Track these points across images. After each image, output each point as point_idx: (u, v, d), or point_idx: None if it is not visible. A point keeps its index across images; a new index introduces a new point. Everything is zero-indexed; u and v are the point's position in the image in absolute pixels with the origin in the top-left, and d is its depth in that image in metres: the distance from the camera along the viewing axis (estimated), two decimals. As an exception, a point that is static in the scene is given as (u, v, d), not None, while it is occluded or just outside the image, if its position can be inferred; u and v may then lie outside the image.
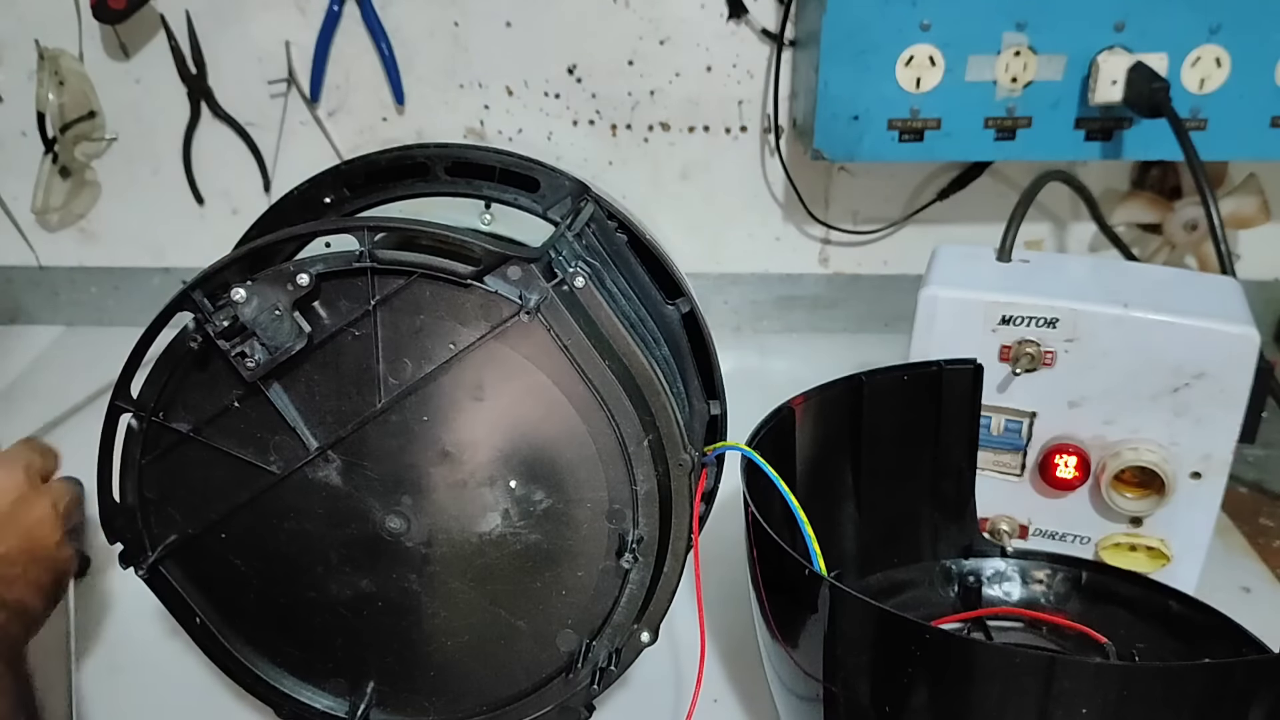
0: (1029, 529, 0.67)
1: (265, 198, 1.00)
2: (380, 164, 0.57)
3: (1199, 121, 0.85)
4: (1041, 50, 0.83)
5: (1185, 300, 0.62)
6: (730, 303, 1.05)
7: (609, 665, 0.52)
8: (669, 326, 0.57)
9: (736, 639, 0.63)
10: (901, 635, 0.44)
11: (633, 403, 0.48)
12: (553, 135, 0.99)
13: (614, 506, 0.50)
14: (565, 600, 0.52)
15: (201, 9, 0.94)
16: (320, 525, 0.51)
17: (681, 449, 0.49)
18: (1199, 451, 0.62)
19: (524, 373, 0.48)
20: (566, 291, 0.47)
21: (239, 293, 0.46)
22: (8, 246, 1.03)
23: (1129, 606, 0.60)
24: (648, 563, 0.51)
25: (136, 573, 0.53)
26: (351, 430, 0.49)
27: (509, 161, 0.57)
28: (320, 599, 0.53)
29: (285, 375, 0.49)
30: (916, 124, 0.86)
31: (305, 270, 0.46)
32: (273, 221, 0.58)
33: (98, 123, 0.97)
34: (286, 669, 0.55)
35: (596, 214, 0.55)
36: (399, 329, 0.48)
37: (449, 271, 0.47)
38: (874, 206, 1.01)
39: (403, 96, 0.97)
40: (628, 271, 0.56)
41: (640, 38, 0.95)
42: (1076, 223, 1.01)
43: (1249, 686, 0.40)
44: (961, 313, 0.63)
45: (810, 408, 0.58)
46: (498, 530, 0.51)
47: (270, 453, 0.50)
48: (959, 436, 0.63)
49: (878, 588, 0.63)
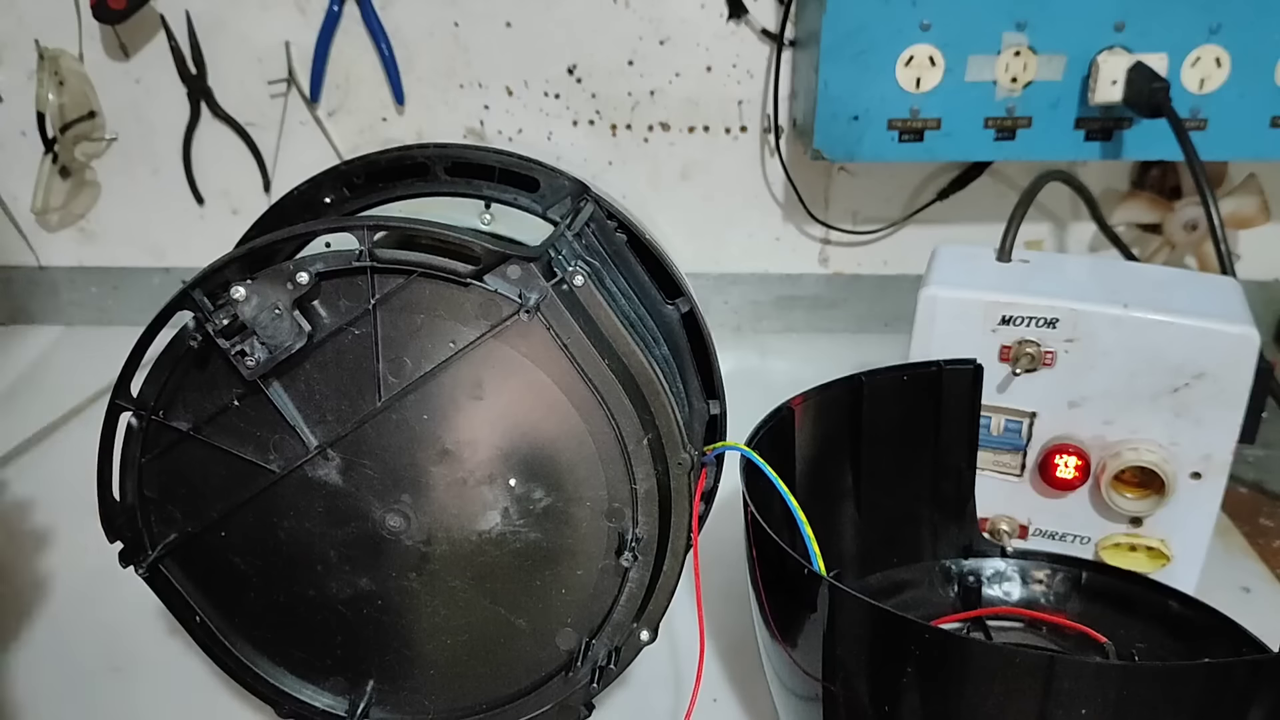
0: (1029, 529, 0.67)
1: (265, 198, 1.00)
2: (380, 164, 0.57)
3: (1199, 121, 0.85)
4: (1041, 50, 0.83)
5: (1185, 300, 0.62)
6: (730, 303, 1.05)
7: (608, 664, 0.52)
8: (668, 326, 0.57)
9: (736, 638, 0.63)
10: (901, 635, 0.44)
11: (632, 402, 0.48)
12: (553, 135, 0.99)
13: (613, 505, 0.50)
14: (565, 599, 0.52)
15: (201, 9, 0.94)
16: (320, 524, 0.51)
17: (681, 448, 0.49)
18: (1199, 451, 0.62)
19: (523, 371, 0.48)
20: (566, 291, 0.47)
21: (239, 291, 0.46)
22: (8, 246, 1.03)
23: (1129, 606, 0.60)
24: (647, 562, 0.51)
25: (136, 571, 0.53)
26: (351, 429, 0.49)
27: (509, 161, 0.57)
28: (320, 597, 0.53)
29: (285, 374, 0.49)
30: (916, 124, 0.86)
31: (305, 269, 0.46)
32: (273, 221, 0.58)
33: (98, 123, 0.98)
34: (286, 667, 0.55)
35: (596, 214, 0.55)
36: (399, 328, 0.48)
37: (449, 270, 0.47)
38: (874, 206, 1.01)
39: (403, 96, 0.97)
40: (627, 271, 0.56)
41: (640, 38, 0.95)
42: (1076, 223, 1.01)
43: (1248, 686, 0.40)
44: (961, 313, 0.63)
45: (810, 408, 0.58)
46: (497, 529, 0.51)
47: (270, 451, 0.50)
48: (959, 436, 0.63)
49: (877, 588, 0.63)
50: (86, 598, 0.68)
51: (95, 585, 0.68)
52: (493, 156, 0.57)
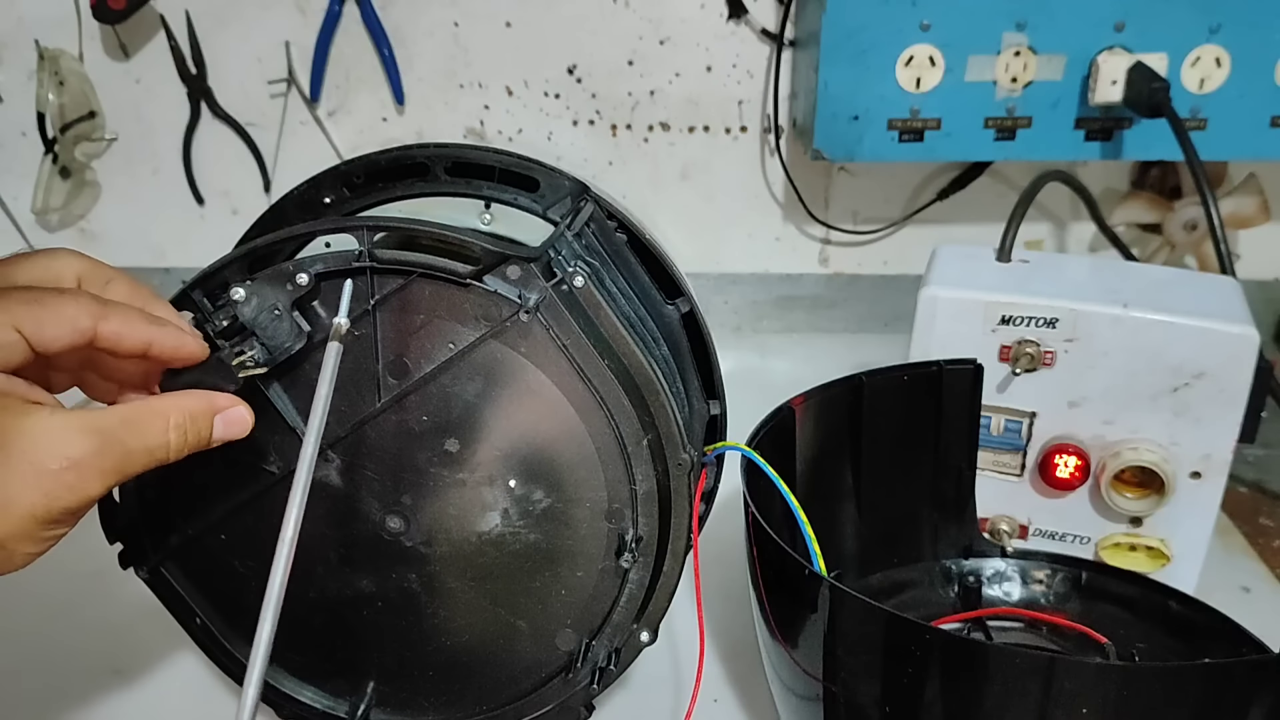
0: (1029, 529, 0.67)
1: (265, 198, 1.00)
2: (380, 164, 0.57)
3: (1199, 121, 0.85)
4: (1041, 50, 0.83)
5: (1185, 300, 0.62)
6: (730, 303, 1.05)
7: (608, 665, 0.52)
8: (668, 326, 0.57)
9: (736, 639, 0.63)
10: (901, 635, 0.44)
11: (632, 402, 0.48)
12: (553, 135, 0.99)
13: (613, 506, 0.50)
14: (564, 600, 0.52)
15: (201, 9, 0.94)
16: (320, 525, 0.51)
17: (681, 449, 0.49)
18: (1199, 451, 0.62)
19: (523, 372, 0.48)
20: (566, 291, 0.47)
21: (238, 292, 0.46)
22: (8, 246, 1.03)
23: (1129, 606, 0.60)
24: (647, 562, 0.51)
25: (137, 573, 0.53)
26: (351, 430, 0.49)
27: (508, 161, 0.57)
28: (320, 599, 0.53)
29: (285, 375, 0.49)
30: (916, 124, 0.86)
31: (305, 270, 0.46)
32: (273, 221, 0.58)
33: (98, 123, 0.97)
34: (287, 669, 0.55)
35: (596, 214, 0.55)
36: (398, 328, 0.48)
37: (448, 271, 0.46)
38: (874, 206, 1.01)
39: (403, 96, 0.97)
40: (627, 271, 0.56)
41: (640, 38, 0.95)
42: (1076, 223, 1.01)
43: (1249, 686, 0.40)
44: (961, 313, 0.63)
45: (810, 408, 0.58)
46: (497, 530, 0.51)
47: (270, 453, 0.50)
48: (959, 436, 0.63)
49: (878, 588, 0.63)
50: (87, 599, 0.68)
51: (95, 586, 0.68)
52: (492, 156, 0.57)
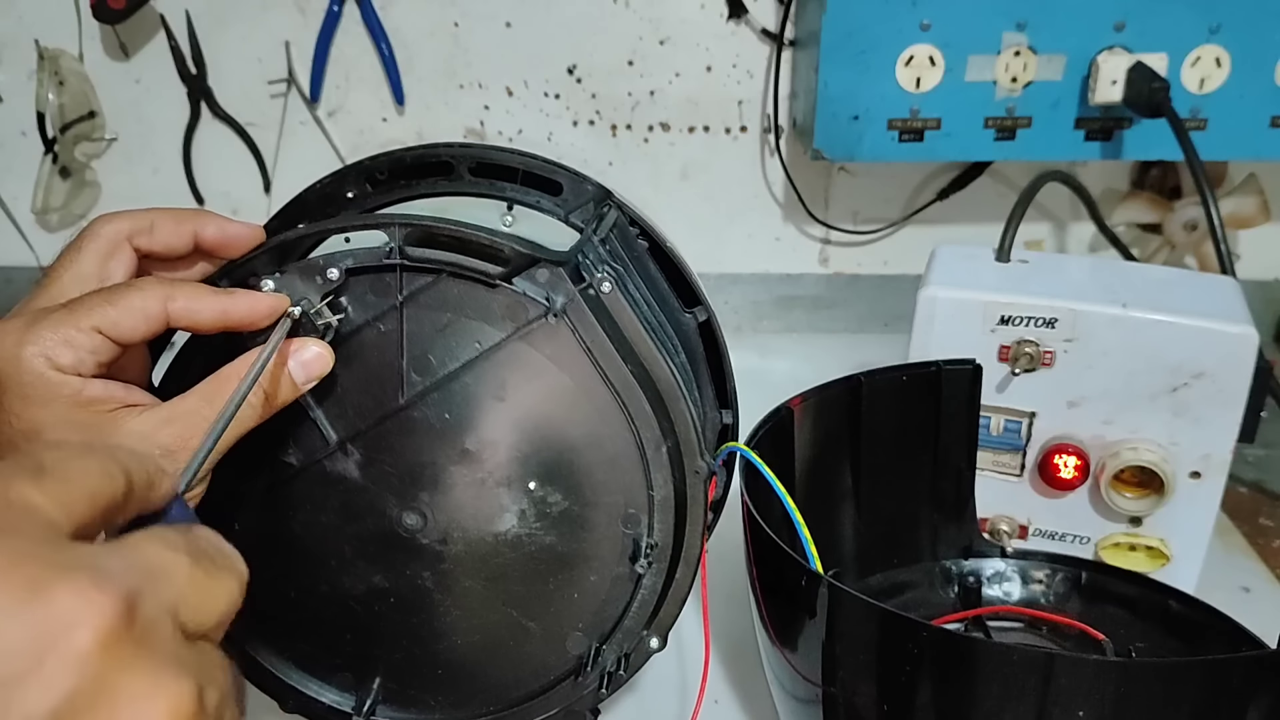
0: (1029, 529, 0.67)
1: (265, 198, 1.00)
2: (405, 161, 0.57)
3: (1199, 121, 0.85)
4: (1041, 50, 0.83)
5: (1184, 300, 0.62)
6: (730, 303, 1.05)
7: (617, 670, 0.52)
8: (685, 334, 0.57)
9: (737, 640, 0.63)
10: (899, 634, 0.44)
11: (653, 408, 0.48)
12: (553, 135, 0.99)
13: (629, 511, 0.50)
14: (577, 603, 0.52)
15: (201, 9, 0.94)
16: (336, 519, 0.51)
17: (698, 455, 0.49)
18: (1198, 451, 0.62)
19: (547, 374, 0.48)
20: (592, 296, 0.47)
21: (268, 284, 0.46)
22: (8, 246, 1.03)
23: (1128, 606, 0.60)
24: (660, 569, 0.50)
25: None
26: (372, 425, 0.49)
27: (532, 164, 0.57)
28: (332, 593, 0.52)
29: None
30: (916, 124, 0.86)
31: (336, 265, 0.46)
32: (294, 213, 0.57)
33: (98, 123, 0.97)
34: (293, 662, 0.55)
35: (619, 220, 0.55)
36: (424, 326, 0.48)
37: (478, 271, 0.46)
38: (874, 206, 1.01)
39: (403, 96, 0.97)
40: (648, 278, 0.56)
41: (640, 38, 0.95)
42: (1076, 223, 1.01)
43: (1247, 684, 0.40)
44: (961, 313, 0.63)
45: (809, 408, 0.58)
46: (513, 531, 0.51)
47: (289, 444, 0.50)
48: (958, 436, 0.63)
49: (877, 588, 0.63)
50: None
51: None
52: (517, 159, 0.57)
